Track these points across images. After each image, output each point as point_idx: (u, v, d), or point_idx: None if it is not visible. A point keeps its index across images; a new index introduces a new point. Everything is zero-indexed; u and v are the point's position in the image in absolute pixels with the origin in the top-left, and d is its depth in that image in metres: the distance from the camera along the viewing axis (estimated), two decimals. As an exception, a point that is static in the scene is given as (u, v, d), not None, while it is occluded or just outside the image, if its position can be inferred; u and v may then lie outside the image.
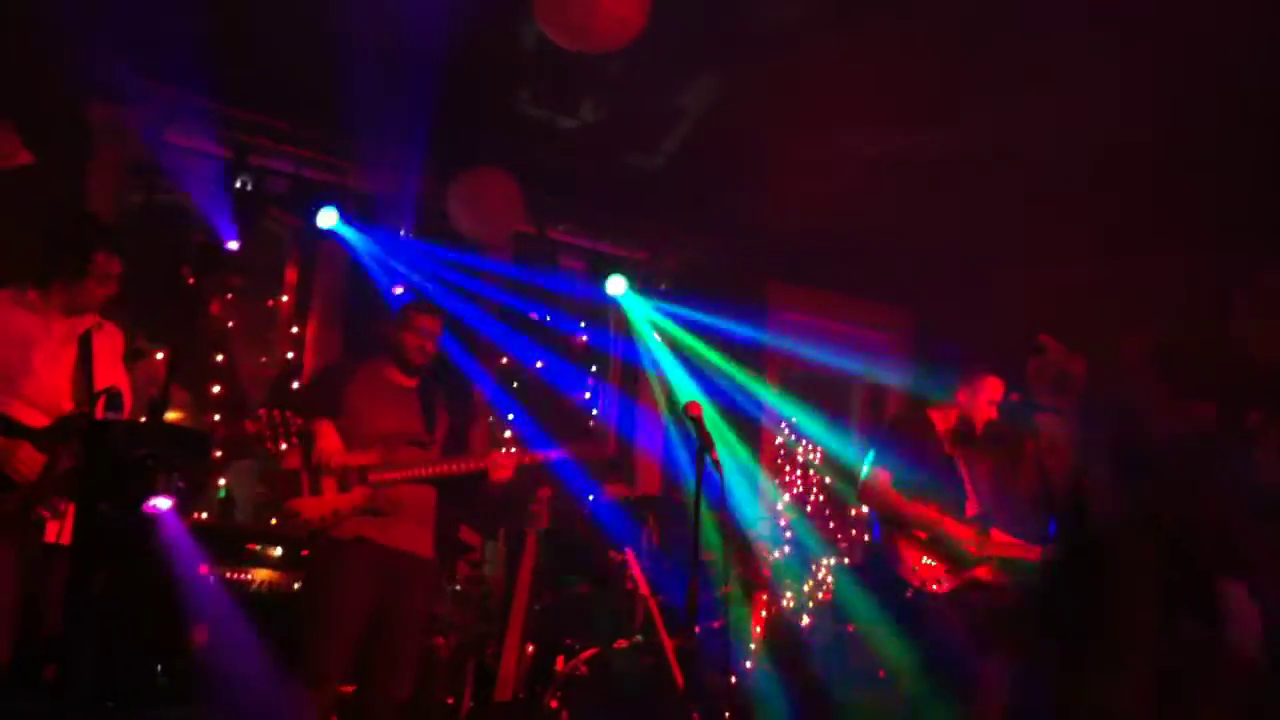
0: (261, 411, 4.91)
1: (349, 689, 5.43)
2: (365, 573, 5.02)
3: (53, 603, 4.28)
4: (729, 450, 8.45)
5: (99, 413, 3.99)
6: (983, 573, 5.87)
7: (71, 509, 4.28)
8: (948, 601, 5.79)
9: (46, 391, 4.56)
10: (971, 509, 6.04)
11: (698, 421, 4.75)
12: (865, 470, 6.05)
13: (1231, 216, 7.18)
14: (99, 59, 6.66)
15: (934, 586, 5.76)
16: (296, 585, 6.23)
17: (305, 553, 5.89)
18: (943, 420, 6.14)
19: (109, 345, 4.85)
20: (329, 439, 5.07)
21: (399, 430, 5.27)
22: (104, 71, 6.76)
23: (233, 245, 7.20)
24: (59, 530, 4.19)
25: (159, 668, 5.10)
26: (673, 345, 8.73)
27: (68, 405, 4.54)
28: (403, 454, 5.21)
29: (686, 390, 8.49)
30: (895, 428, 6.19)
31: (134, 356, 5.83)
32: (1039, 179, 7.30)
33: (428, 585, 5.37)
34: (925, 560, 5.80)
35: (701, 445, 4.69)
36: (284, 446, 4.90)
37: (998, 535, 5.93)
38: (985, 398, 6.05)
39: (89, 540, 3.53)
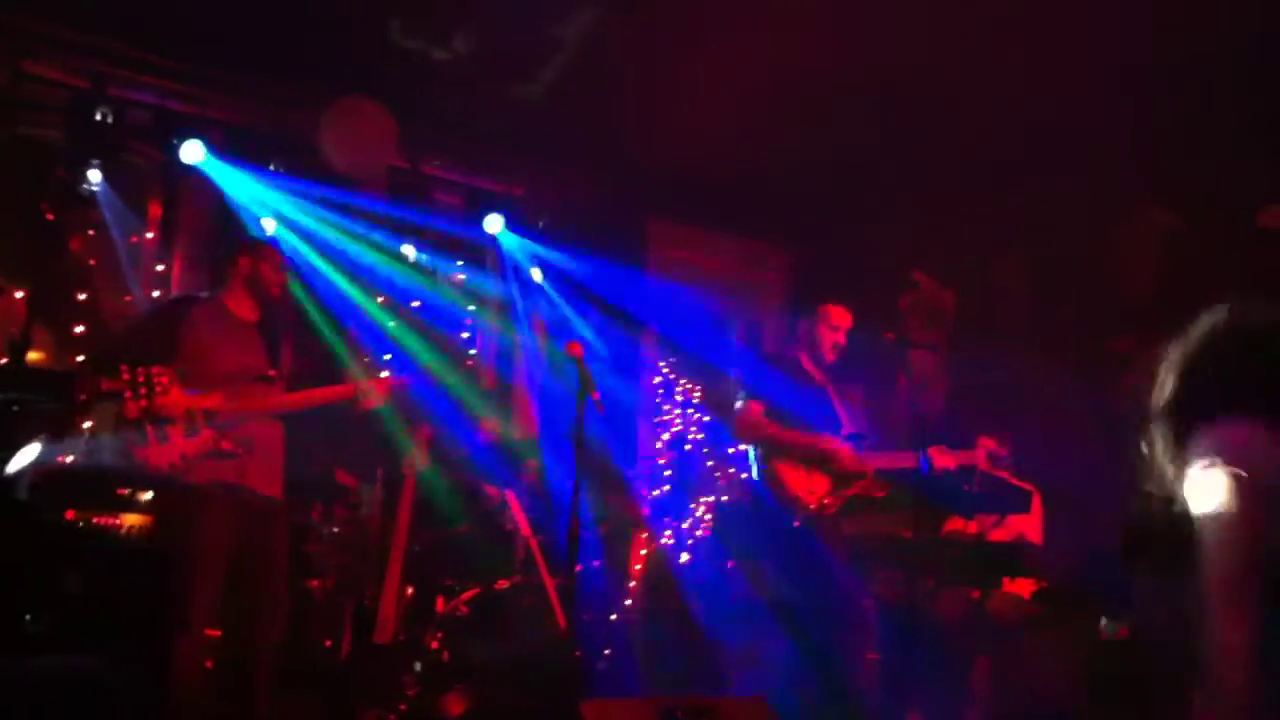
0: (123, 367, 4.76)
1: (215, 633, 5.36)
2: (222, 516, 4.95)
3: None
4: (607, 389, 8.45)
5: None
6: (863, 486, 5.97)
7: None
8: (831, 527, 5.90)
9: None
10: (847, 430, 6.13)
11: (579, 362, 4.73)
12: (739, 404, 6.12)
13: (1111, 150, 7.33)
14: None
15: (820, 506, 5.84)
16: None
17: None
18: (803, 353, 6.24)
19: None
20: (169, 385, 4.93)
21: (242, 367, 5.15)
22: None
23: (94, 180, 6.96)
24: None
25: (28, 616, 4.95)
26: (552, 284, 8.67)
27: None
28: (248, 391, 5.10)
29: (565, 329, 8.45)
30: (768, 363, 6.27)
31: (-8, 295, 5.61)
32: (913, 112, 7.36)
33: (284, 525, 5.29)
34: (809, 484, 5.88)
35: (583, 386, 4.67)
36: (144, 404, 4.75)
37: (867, 453, 6.05)
38: (825, 326, 6.17)
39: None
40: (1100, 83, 6.77)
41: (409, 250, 8.28)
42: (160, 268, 7.64)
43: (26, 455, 5.14)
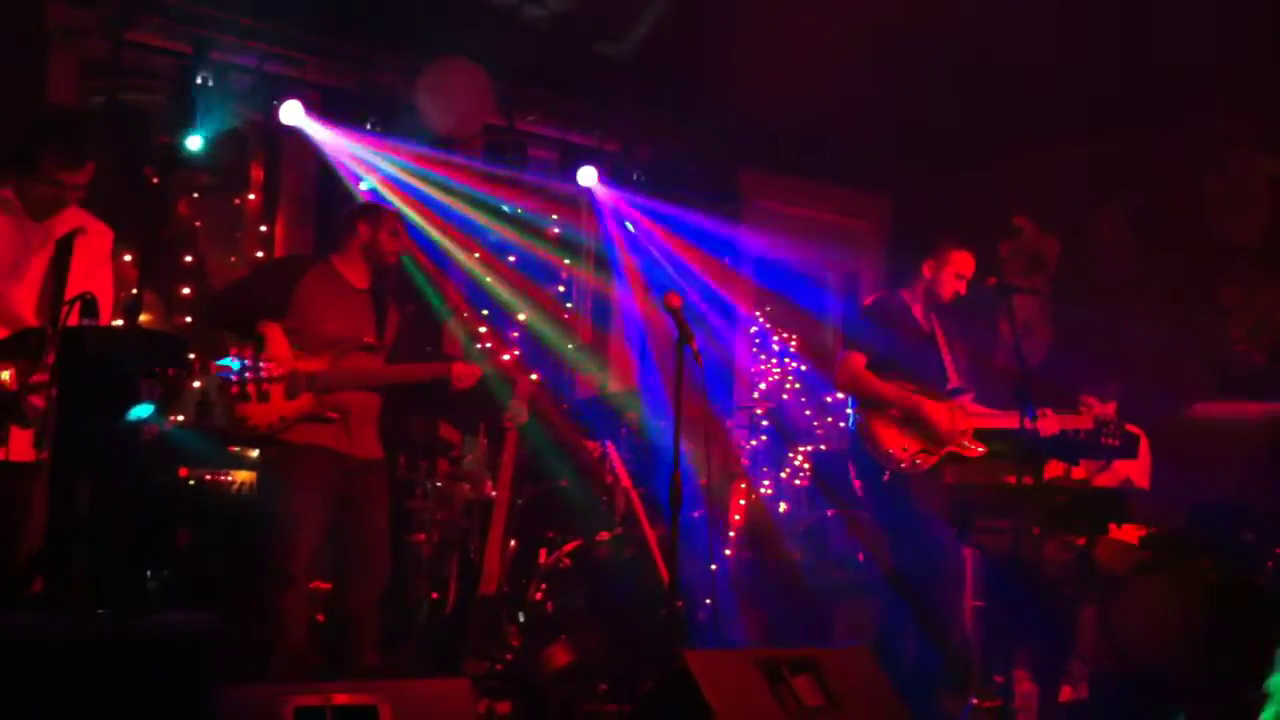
0: (232, 350, 4.85)
1: (326, 586, 5.48)
2: (319, 475, 5.05)
3: (36, 517, 4.26)
4: (705, 339, 8.45)
5: (74, 319, 3.92)
6: (959, 446, 5.88)
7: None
8: (925, 481, 5.83)
9: (10, 300, 4.48)
10: (953, 384, 6.04)
11: (677, 313, 4.73)
12: (841, 354, 6.04)
13: (1203, 96, 7.15)
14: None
15: (912, 465, 5.78)
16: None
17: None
18: (914, 299, 6.12)
19: (94, 247, 4.69)
20: (277, 344, 5.01)
21: (348, 334, 5.21)
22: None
23: (197, 143, 7.07)
24: (39, 442, 4.17)
25: (149, 574, 5.13)
26: (646, 236, 8.67)
27: (31, 315, 4.46)
28: (351, 360, 5.18)
29: (662, 281, 8.45)
30: (870, 311, 6.15)
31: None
32: (1012, 63, 7.23)
33: (382, 482, 5.39)
34: (902, 441, 5.82)
35: (682, 337, 4.67)
36: (251, 391, 4.83)
37: (972, 406, 5.95)
38: (952, 271, 5.99)
39: (71, 451, 3.49)
40: (1200, 25, 6.59)
41: (504, 205, 8.32)
42: (264, 229, 7.76)
43: (139, 414, 5.27)
